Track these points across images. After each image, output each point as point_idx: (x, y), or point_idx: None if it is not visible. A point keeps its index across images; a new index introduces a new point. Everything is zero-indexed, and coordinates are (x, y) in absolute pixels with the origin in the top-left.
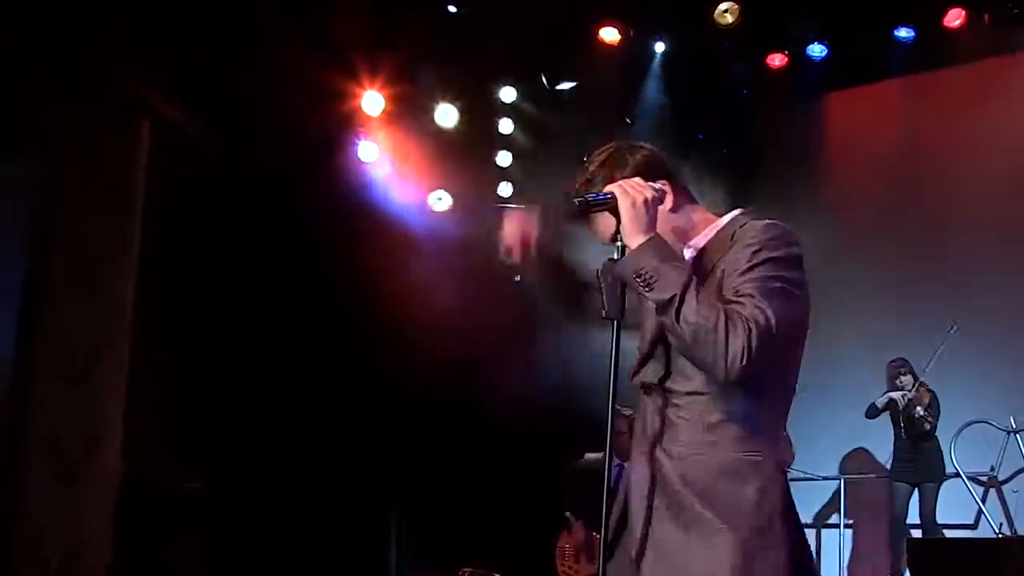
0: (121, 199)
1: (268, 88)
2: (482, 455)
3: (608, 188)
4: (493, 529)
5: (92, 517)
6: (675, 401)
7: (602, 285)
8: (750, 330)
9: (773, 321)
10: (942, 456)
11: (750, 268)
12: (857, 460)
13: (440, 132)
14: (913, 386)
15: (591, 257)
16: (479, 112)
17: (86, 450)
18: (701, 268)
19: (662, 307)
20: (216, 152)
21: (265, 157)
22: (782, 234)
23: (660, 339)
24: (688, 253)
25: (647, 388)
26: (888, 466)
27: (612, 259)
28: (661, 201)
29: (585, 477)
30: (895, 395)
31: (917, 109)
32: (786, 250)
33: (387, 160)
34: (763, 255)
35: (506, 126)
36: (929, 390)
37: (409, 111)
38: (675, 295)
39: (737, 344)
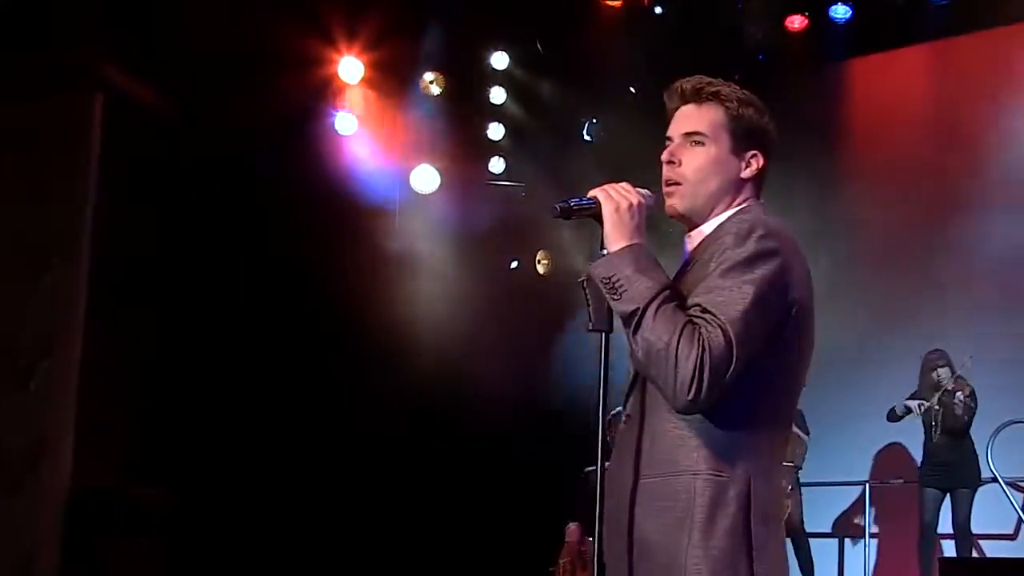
0: (70, 180)
1: (234, 54)
2: (472, 464)
3: (592, 193)
4: (482, 548)
5: (39, 529)
6: (645, 429)
7: (587, 295)
8: (703, 352)
9: (734, 341)
10: (977, 459)
11: (720, 274)
12: (885, 462)
13: (425, 102)
14: (950, 379)
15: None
16: (468, 80)
17: (31, 457)
18: (688, 264)
19: (625, 320)
20: (177, 126)
21: (231, 131)
22: (752, 230)
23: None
24: (691, 243)
25: (627, 418)
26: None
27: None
28: (650, 207)
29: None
30: (912, 404)
31: (949, 76)
32: (758, 247)
33: (366, 133)
34: (731, 258)
35: (497, 95)
36: (968, 383)
37: (391, 79)
38: (637, 308)
39: (687, 369)
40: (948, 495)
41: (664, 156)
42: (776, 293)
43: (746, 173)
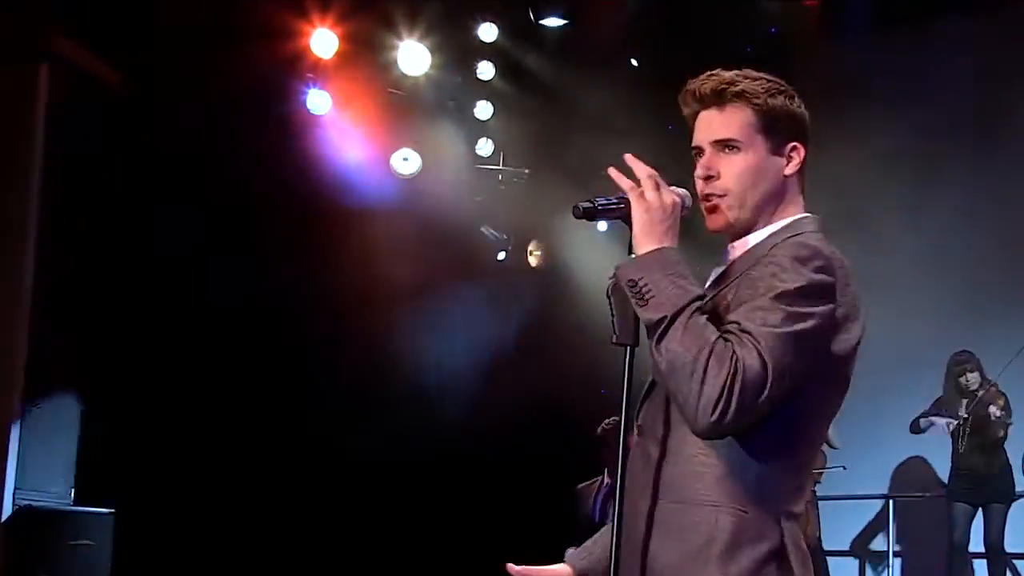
0: (13, 156)
1: (195, 25)
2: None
3: (623, 183)
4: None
5: None
6: (667, 448)
7: (612, 304)
8: (734, 373)
9: (770, 369)
10: (1012, 471)
11: (769, 297)
12: (909, 474)
13: (406, 78)
14: (980, 385)
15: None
16: (453, 54)
17: None
18: (728, 276)
19: (650, 329)
20: (131, 102)
21: (192, 108)
22: (811, 258)
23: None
24: (733, 253)
25: (639, 429)
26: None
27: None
28: (686, 209)
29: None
30: (939, 421)
31: (985, 52)
32: (816, 279)
33: (341, 112)
34: (785, 284)
35: (485, 71)
36: (1001, 391)
37: (368, 53)
38: (664, 316)
39: (714, 388)
40: (979, 510)
41: (699, 172)
42: (825, 331)
43: (789, 169)
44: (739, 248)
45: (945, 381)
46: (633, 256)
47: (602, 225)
